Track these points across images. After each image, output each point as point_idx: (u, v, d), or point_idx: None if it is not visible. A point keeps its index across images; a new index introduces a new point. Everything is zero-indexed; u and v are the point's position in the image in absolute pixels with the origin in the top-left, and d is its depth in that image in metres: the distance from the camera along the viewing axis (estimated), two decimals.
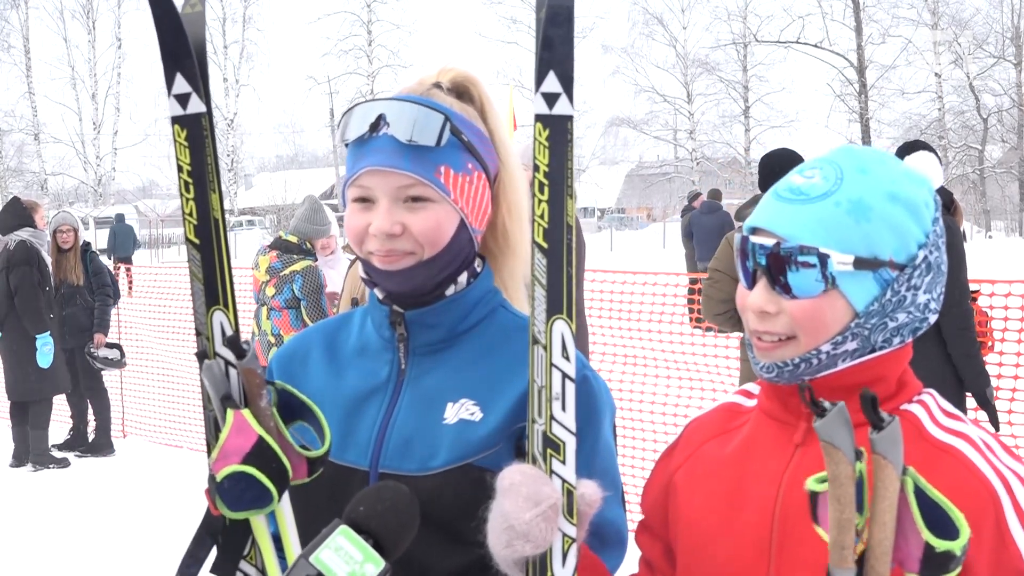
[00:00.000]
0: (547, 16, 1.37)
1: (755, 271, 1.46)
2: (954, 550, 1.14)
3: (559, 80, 1.38)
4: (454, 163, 1.61)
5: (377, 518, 1.31)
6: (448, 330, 1.67)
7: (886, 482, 1.16)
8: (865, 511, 1.18)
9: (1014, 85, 44.50)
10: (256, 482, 1.38)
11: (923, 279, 1.45)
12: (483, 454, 1.58)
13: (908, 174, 1.47)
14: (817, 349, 1.44)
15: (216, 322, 1.50)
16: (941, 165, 5.31)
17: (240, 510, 1.40)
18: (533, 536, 1.38)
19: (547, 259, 1.41)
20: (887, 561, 1.17)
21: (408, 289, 1.64)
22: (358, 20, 49.14)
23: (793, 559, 1.45)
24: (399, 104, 1.61)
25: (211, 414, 1.50)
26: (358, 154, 1.62)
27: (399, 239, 1.59)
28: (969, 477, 1.38)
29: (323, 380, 1.71)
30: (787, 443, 1.51)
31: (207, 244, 1.49)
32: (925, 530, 1.15)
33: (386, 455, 1.62)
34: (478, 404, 1.62)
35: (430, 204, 1.60)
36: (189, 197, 1.48)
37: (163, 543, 6.49)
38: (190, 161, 1.48)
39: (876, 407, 1.16)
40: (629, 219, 59.71)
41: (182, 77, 1.46)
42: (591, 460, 1.57)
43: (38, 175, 47.03)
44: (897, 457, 1.16)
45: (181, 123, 1.47)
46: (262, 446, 1.39)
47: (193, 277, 1.51)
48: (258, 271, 6.93)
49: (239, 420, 1.40)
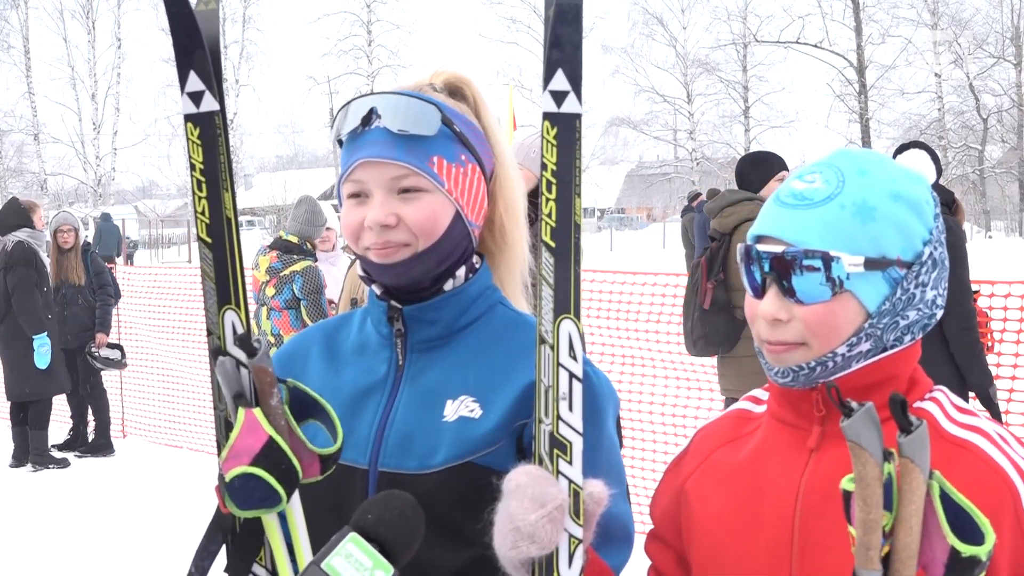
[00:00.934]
0: (555, 14, 1.37)
1: (764, 280, 1.46)
2: (979, 555, 1.15)
3: (567, 78, 1.37)
4: (447, 153, 1.61)
5: (386, 525, 1.31)
6: (447, 326, 1.66)
7: (913, 485, 1.17)
8: (893, 512, 1.18)
9: (1014, 85, 44.51)
10: (265, 482, 1.38)
11: (930, 275, 1.47)
12: (483, 452, 1.57)
13: (906, 173, 1.49)
14: (833, 352, 1.45)
15: (228, 322, 1.49)
16: (940, 164, 5.32)
17: (249, 509, 1.40)
18: (539, 537, 1.37)
19: (555, 258, 1.41)
20: (913, 564, 1.17)
21: (406, 282, 1.63)
22: (358, 20, 49.17)
23: (815, 565, 1.45)
24: (390, 97, 1.61)
25: (221, 413, 1.49)
26: (351, 149, 1.62)
27: (394, 230, 1.59)
28: (988, 471, 1.39)
29: (322, 379, 1.70)
30: (801, 448, 1.50)
31: (219, 243, 1.48)
32: (951, 534, 1.15)
33: (385, 453, 1.61)
34: (478, 401, 1.61)
35: (424, 194, 1.59)
36: (202, 195, 1.47)
37: (163, 543, 6.48)
38: (203, 159, 1.47)
39: (905, 410, 1.17)
40: (629, 219, 59.71)
41: (195, 74, 1.45)
42: (595, 455, 1.56)
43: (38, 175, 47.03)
44: (924, 460, 1.17)
45: (194, 121, 1.46)
46: (272, 446, 1.39)
47: (205, 276, 1.50)
48: (258, 271, 6.92)
49: (250, 420, 1.40)
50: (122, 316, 10.43)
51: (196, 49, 1.45)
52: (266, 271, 6.87)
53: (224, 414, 1.49)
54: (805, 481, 1.48)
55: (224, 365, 1.43)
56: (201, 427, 9.24)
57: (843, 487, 1.21)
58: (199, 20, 1.45)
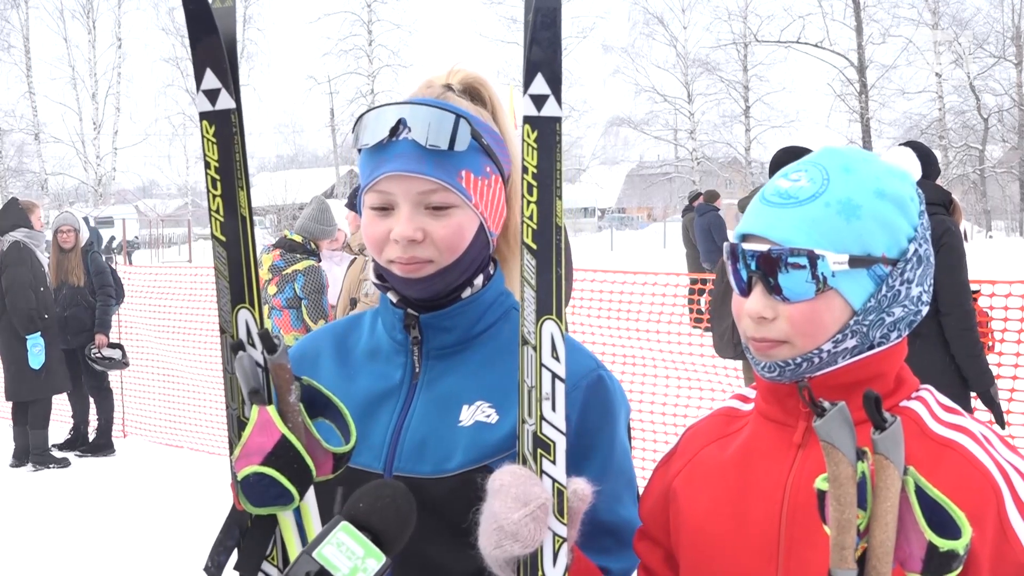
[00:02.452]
0: (535, 18, 1.38)
1: (750, 278, 1.47)
2: (957, 549, 1.15)
3: (547, 82, 1.38)
4: (474, 167, 1.60)
5: (377, 514, 1.32)
6: (463, 333, 1.66)
7: (888, 482, 1.17)
8: (868, 511, 1.18)
9: (1014, 85, 44.43)
10: (277, 481, 1.38)
11: (915, 272, 1.48)
12: (500, 456, 1.56)
13: (891, 170, 1.49)
14: (818, 348, 1.45)
15: (242, 320, 1.48)
16: (939, 164, 5.31)
17: (262, 506, 1.41)
18: (522, 536, 1.38)
19: (536, 260, 1.42)
20: (889, 562, 1.18)
21: (429, 296, 1.63)
22: (358, 20, 49.15)
23: (802, 561, 1.46)
24: (418, 108, 1.58)
25: (234, 412, 1.49)
26: (377, 159, 1.59)
27: (420, 246, 1.58)
28: (972, 471, 1.39)
29: (334, 383, 1.68)
30: (788, 445, 1.51)
31: (234, 242, 1.47)
32: (928, 530, 1.16)
33: (400, 458, 1.61)
34: (494, 407, 1.61)
35: (453, 210, 1.58)
36: (216, 194, 1.46)
37: (163, 543, 6.49)
38: (218, 157, 1.46)
39: (879, 408, 1.17)
40: (629, 219, 59.64)
41: (212, 72, 1.45)
42: (608, 460, 1.57)
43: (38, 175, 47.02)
44: (899, 457, 1.17)
45: (210, 119, 1.46)
46: (284, 445, 1.39)
47: (219, 274, 1.49)
48: (261, 269, 6.93)
49: (263, 417, 1.40)
50: (122, 316, 10.43)
51: (213, 46, 1.44)
52: (268, 269, 6.87)
53: (237, 413, 1.49)
54: (792, 477, 1.49)
55: (242, 361, 1.43)
56: (201, 427, 9.26)
57: (817, 487, 1.21)
58: (216, 17, 1.44)
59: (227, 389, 1.49)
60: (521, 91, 1.40)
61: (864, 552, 1.19)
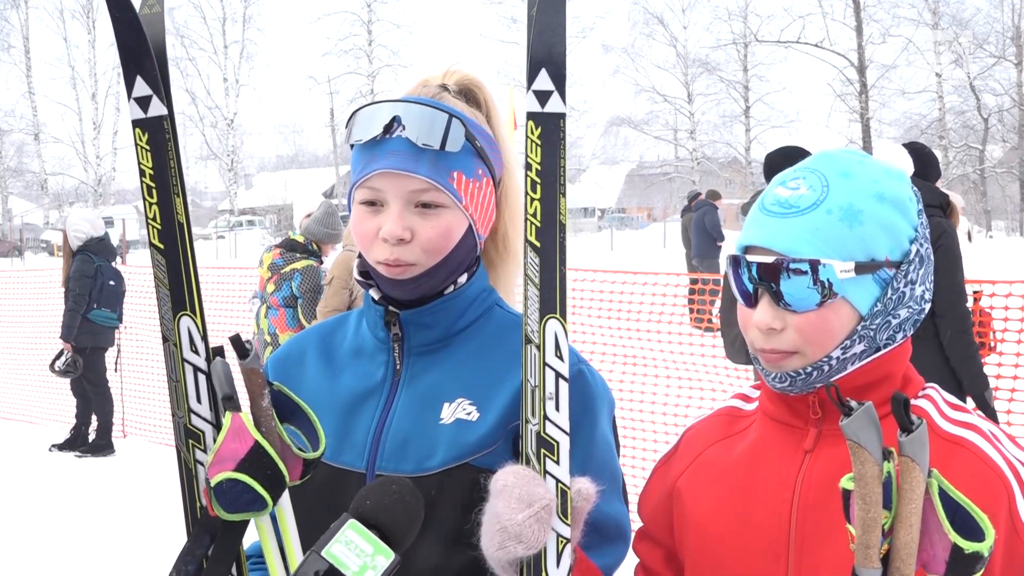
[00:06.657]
0: (538, 13, 1.37)
1: (756, 290, 1.46)
2: (982, 551, 1.15)
3: (551, 78, 1.37)
4: (466, 169, 1.59)
5: (385, 511, 1.32)
6: (444, 330, 1.65)
7: (913, 484, 1.17)
8: (893, 511, 1.18)
9: (1015, 85, 44.48)
10: (251, 487, 1.38)
11: (917, 272, 1.48)
12: (481, 453, 1.57)
13: (888, 171, 1.49)
14: (828, 356, 1.45)
15: (184, 328, 1.48)
16: (939, 165, 5.30)
17: (236, 512, 1.40)
18: (526, 537, 1.37)
19: (540, 258, 1.41)
20: (912, 562, 1.18)
21: (414, 297, 1.63)
22: (358, 20, 49.21)
23: (813, 560, 1.46)
24: (413, 106, 1.57)
25: (180, 420, 1.49)
26: (369, 156, 1.59)
27: (406, 247, 1.57)
28: (983, 468, 1.40)
29: (319, 382, 1.70)
30: (797, 448, 1.51)
31: (172, 249, 1.47)
32: (952, 532, 1.16)
33: (382, 456, 1.61)
34: (475, 404, 1.60)
35: (441, 210, 1.58)
36: (152, 202, 1.45)
37: (163, 543, 6.48)
38: (152, 165, 1.45)
39: (908, 410, 1.17)
40: (629, 219, 59.62)
41: (142, 79, 1.44)
42: (589, 453, 1.56)
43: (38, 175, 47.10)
44: (924, 459, 1.18)
45: (142, 127, 1.45)
46: (258, 452, 1.38)
47: (159, 283, 1.48)
48: (262, 268, 6.93)
49: (236, 424, 1.39)
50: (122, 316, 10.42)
51: (142, 54, 1.44)
52: (268, 268, 6.87)
53: (183, 421, 1.49)
54: (802, 480, 1.48)
55: (216, 367, 1.43)
56: None
57: (842, 486, 1.21)
58: (144, 24, 1.44)
59: (172, 398, 1.48)
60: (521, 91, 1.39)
61: (887, 552, 1.19)
